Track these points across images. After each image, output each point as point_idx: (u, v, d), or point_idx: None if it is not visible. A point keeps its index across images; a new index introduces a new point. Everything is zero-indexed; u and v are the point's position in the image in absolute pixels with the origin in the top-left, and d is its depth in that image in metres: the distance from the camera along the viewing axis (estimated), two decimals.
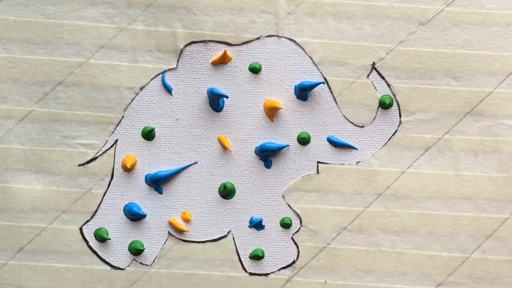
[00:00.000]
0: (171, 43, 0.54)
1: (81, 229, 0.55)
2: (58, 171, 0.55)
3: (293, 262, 0.55)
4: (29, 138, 0.55)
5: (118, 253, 0.55)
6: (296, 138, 0.55)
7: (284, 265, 0.55)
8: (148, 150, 0.55)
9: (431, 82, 0.55)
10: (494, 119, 0.55)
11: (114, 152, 0.55)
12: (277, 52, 0.55)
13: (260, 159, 0.55)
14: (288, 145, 0.55)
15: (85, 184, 0.55)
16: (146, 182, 0.55)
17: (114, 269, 0.55)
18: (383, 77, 0.55)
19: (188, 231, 0.55)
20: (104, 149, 0.55)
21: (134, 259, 0.55)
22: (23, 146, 0.55)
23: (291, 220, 0.55)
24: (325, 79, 0.55)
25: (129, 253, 0.55)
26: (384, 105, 0.55)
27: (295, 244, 0.55)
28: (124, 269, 0.55)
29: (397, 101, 0.55)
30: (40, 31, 0.54)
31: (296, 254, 0.55)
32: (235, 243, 0.55)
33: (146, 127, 0.55)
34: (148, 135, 0.55)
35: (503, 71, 0.55)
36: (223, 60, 0.54)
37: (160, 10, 0.54)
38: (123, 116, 0.55)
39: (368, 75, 0.55)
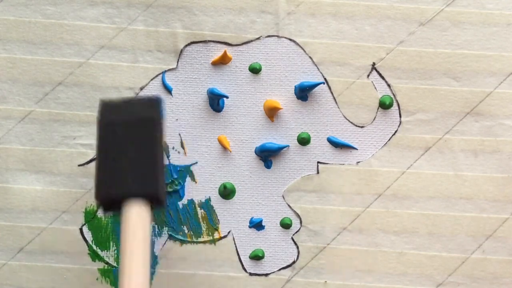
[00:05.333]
0: (171, 43, 0.54)
1: (81, 229, 0.55)
2: (58, 171, 0.55)
3: (293, 262, 0.55)
4: (29, 138, 0.55)
5: (118, 253, 0.55)
6: (296, 138, 0.55)
7: (284, 265, 0.55)
8: None
9: (431, 82, 0.55)
10: (494, 119, 0.55)
11: None
12: (277, 52, 0.55)
13: (260, 159, 0.55)
14: (288, 145, 0.55)
15: (85, 184, 0.55)
16: None
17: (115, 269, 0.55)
18: (383, 77, 0.55)
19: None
20: None
21: None
22: (23, 146, 0.55)
23: (291, 220, 0.55)
24: (325, 79, 0.55)
25: None
26: (384, 105, 0.55)
27: (295, 244, 0.55)
28: None
29: (397, 101, 0.55)
30: (40, 31, 0.54)
31: (296, 254, 0.55)
32: (235, 243, 0.55)
33: None
34: None
35: (503, 71, 0.55)
36: (223, 60, 0.54)
37: (160, 10, 0.54)
38: None
39: (368, 75, 0.55)
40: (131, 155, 0.42)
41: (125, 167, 0.42)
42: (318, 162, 0.55)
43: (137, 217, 0.41)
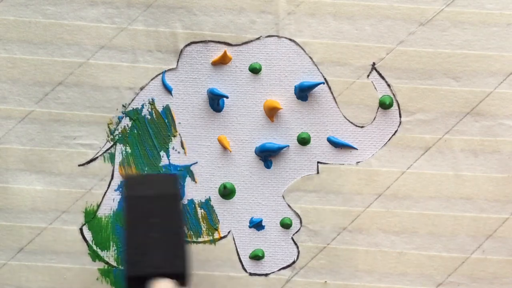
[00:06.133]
0: (171, 43, 0.54)
1: (81, 229, 0.55)
2: (58, 171, 0.55)
3: (293, 262, 0.55)
4: (29, 138, 0.55)
5: (118, 253, 0.55)
6: (296, 138, 0.55)
7: (284, 265, 0.55)
8: None
9: (431, 82, 0.55)
10: (494, 119, 0.55)
11: (115, 152, 0.55)
12: (277, 52, 0.55)
13: (260, 159, 0.55)
14: (288, 145, 0.55)
15: (85, 184, 0.55)
16: None
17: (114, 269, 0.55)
18: (383, 77, 0.55)
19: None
20: (104, 149, 0.55)
21: None
22: (23, 146, 0.55)
23: (291, 220, 0.55)
24: (325, 79, 0.55)
25: None
26: (384, 105, 0.55)
27: (295, 244, 0.55)
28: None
29: (397, 101, 0.55)
30: (40, 31, 0.54)
31: (296, 254, 0.55)
32: (235, 243, 0.55)
33: None
34: None
35: (503, 71, 0.55)
36: (223, 60, 0.54)
37: (160, 10, 0.54)
38: (123, 116, 0.55)
39: (368, 75, 0.55)
40: (156, 229, 0.44)
41: (152, 245, 0.43)
42: (318, 162, 0.55)
43: None
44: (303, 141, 0.55)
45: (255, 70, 0.54)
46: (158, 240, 0.43)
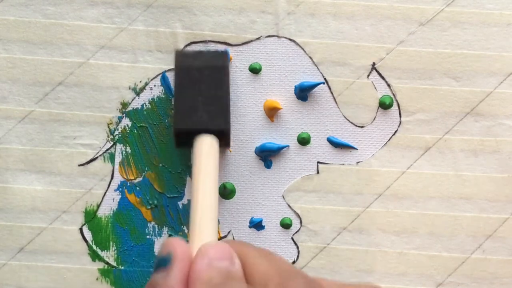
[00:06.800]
0: (171, 43, 0.54)
1: (81, 229, 0.55)
2: (58, 171, 0.55)
3: (293, 262, 0.55)
4: (29, 138, 0.55)
5: (118, 253, 0.55)
6: (296, 138, 0.55)
7: None
8: None
9: (431, 82, 0.55)
10: (494, 119, 0.55)
11: (115, 152, 0.55)
12: (277, 52, 0.55)
13: (260, 159, 0.55)
14: (288, 145, 0.55)
15: (85, 184, 0.55)
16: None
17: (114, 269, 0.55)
18: (383, 77, 0.55)
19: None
20: (104, 149, 0.55)
21: (134, 259, 0.55)
22: (23, 146, 0.55)
23: (291, 220, 0.55)
24: (325, 79, 0.55)
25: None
26: (384, 105, 0.55)
27: (295, 244, 0.55)
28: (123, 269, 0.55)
29: (397, 101, 0.55)
30: (40, 31, 0.54)
31: (296, 254, 0.55)
32: None
33: None
34: None
35: (503, 71, 0.55)
36: None
37: (160, 10, 0.54)
38: (123, 116, 0.55)
39: (368, 75, 0.55)
40: (204, 95, 0.49)
41: (199, 106, 0.48)
42: (318, 162, 0.55)
43: (210, 147, 0.47)
44: (303, 141, 0.55)
45: (255, 70, 0.54)
46: (204, 103, 0.49)
